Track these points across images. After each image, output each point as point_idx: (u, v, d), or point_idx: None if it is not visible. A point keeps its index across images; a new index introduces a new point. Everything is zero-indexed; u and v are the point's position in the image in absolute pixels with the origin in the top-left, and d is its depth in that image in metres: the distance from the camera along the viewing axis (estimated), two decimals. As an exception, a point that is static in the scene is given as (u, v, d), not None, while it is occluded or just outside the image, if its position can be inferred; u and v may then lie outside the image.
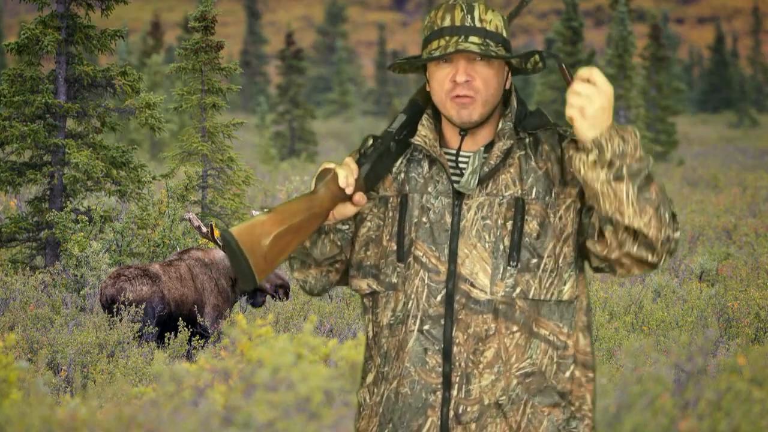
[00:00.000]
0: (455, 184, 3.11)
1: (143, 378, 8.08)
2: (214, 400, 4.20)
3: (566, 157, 3.10)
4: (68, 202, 12.36)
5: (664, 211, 2.97)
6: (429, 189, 3.13)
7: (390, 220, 3.16)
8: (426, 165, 3.16)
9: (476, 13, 3.08)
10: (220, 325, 9.46)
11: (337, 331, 10.02)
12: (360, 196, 3.09)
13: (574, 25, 33.83)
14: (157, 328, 9.29)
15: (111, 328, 9.11)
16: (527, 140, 3.15)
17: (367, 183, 3.12)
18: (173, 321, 9.37)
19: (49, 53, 12.35)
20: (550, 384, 3.09)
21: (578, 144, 2.96)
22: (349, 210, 3.10)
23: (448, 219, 3.10)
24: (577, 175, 2.98)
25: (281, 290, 9.57)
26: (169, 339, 9.22)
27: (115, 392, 6.83)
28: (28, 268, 12.00)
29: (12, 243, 12.41)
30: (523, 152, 3.13)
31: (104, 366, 8.30)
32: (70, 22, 12.49)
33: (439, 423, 3.07)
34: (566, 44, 33.70)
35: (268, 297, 9.83)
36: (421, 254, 3.10)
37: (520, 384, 3.07)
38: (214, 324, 9.47)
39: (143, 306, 9.22)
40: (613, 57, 32.13)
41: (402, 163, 3.19)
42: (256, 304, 9.75)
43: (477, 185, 3.08)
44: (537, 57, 3.10)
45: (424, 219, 3.12)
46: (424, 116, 3.18)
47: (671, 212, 2.99)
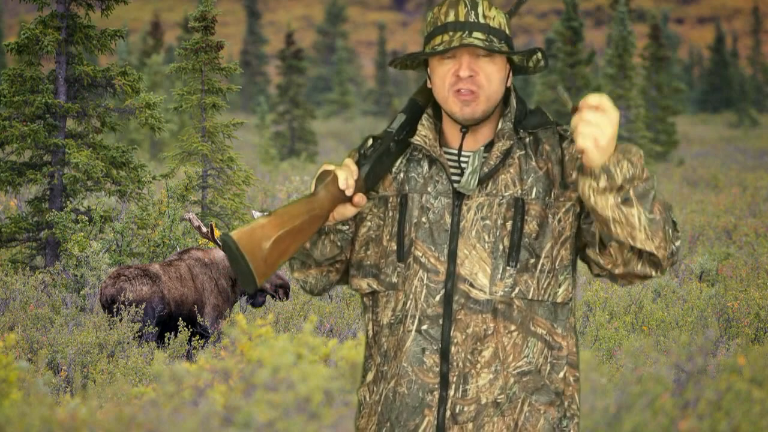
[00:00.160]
0: (455, 184, 3.11)
1: (143, 378, 8.08)
2: (214, 400, 4.20)
3: (567, 169, 3.08)
4: (68, 202, 12.36)
5: (669, 228, 2.95)
6: (429, 189, 3.13)
7: (390, 219, 3.16)
8: (426, 165, 3.16)
9: (480, 10, 3.09)
10: (220, 325, 9.46)
11: (337, 331, 10.01)
12: (360, 197, 3.09)
13: (574, 25, 33.81)
14: (157, 328, 9.29)
15: (111, 328, 9.10)
16: (527, 140, 3.14)
17: (367, 183, 3.12)
18: (173, 321, 9.36)
19: (49, 53, 12.34)
20: (546, 383, 3.10)
21: (585, 170, 2.91)
22: (349, 211, 3.10)
23: (448, 219, 3.10)
24: (586, 202, 2.93)
25: (281, 290, 9.57)
26: (169, 339, 9.22)
27: (115, 392, 6.83)
28: (28, 268, 11.99)
29: (12, 243, 12.40)
30: (522, 152, 3.13)
31: (104, 366, 8.29)
32: (70, 22, 12.48)
33: (435, 423, 3.08)
34: (566, 44, 33.69)
35: (268, 297, 9.82)
36: (420, 254, 3.10)
37: (518, 383, 3.08)
38: (214, 324, 9.47)
39: (143, 306, 9.21)
40: (613, 57, 32.12)
41: (401, 162, 3.19)
42: (256, 304, 9.75)
43: (477, 185, 3.08)
44: (539, 55, 3.11)
45: (423, 219, 3.12)
46: (424, 116, 3.18)
47: (672, 222, 2.97)
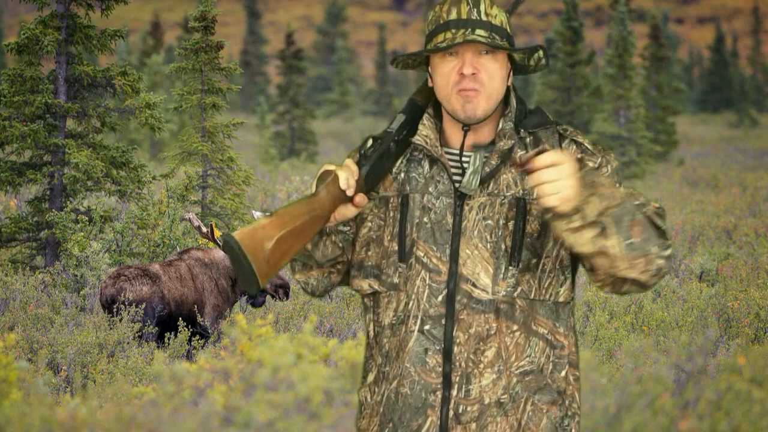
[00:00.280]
0: (456, 184, 3.12)
1: (143, 378, 8.08)
2: (214, 400, 4.20)
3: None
4: (68, 202, 12.36)
5: (653, 246, 2.93)
6: (430, 189, 3.13)
7: (391, 220, 3.16)
8: (427, 165, 3.16)
9: (482, 8, 3.10)
10: (220, 325, 9.46)
11: (337, 331, 10.01)
12: (361, 198, 3.09)
13: (574, 25, 33.80)
14: (157, 328, 9.29)
15: (111, 328, 9.10)
16: (528, 139, 3.15)
17: (368, 184, 3.12)
18: (173, 321, 9.36)
19: (49, 53, 12.34)
20: (548, 382, 3.11)
21: (554, 216, 2.91)
22: (350, 211, 3.10)
23: (450, 219, 3.10)
24: (566, 242, 2.94)
25: (281, 290, 9.57)
26: (169, 339, 9.22)
27: (115, 392, 6.83)
28: (28, 268, 11.99)
29: (12, 243, 12.40)
30: (523, 151, 3.13)
31: (104, 366, 8.29)
32: (70, 22, 12.48)
33: (438, 423, 3.07)
34: (566, 44, 33.68)
35: (268, 297, 9.82)
36: (422, 254, 3.10)
37: (520, 382, 3.09)
38: (214, 324, 9.47)
39: (143, 306, 9.21)
40: (613, 57, 32.11)
41: (402, 163, 3.19)
42: (256, 304, 9.75)
43: (478, 185, 3.09)
44: (541, 53, 3.12)
45: (425, 219, 3.12)
46: (425, 116, 3.18)
47: (660, 234, 2.95)
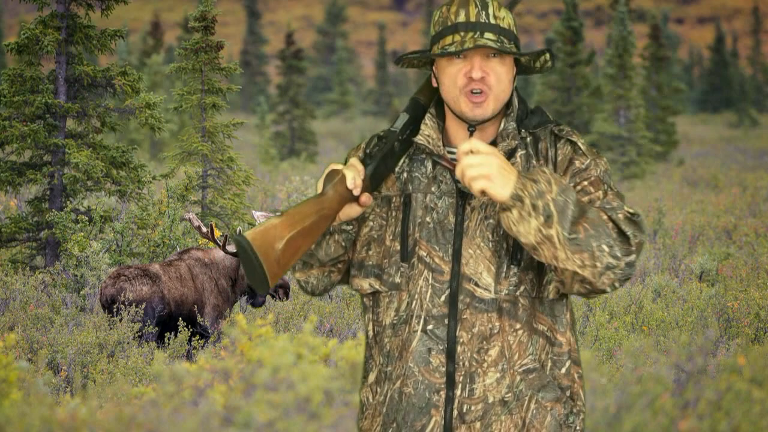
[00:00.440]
0: (459, 184, 3.12)
1: (143, 378, 8.08)
2: (214, 400, 4.20)
3: (559, 170, 3.10)
4: (68, 202, 12.36)
5: (600, 244, 2.94)
6: (432, 189, 3.14)
7: (393, 219, 3.16)
8: (429, 164, 3.16)
9: (491, 10, 3.09)
10: (220, 325, 9.46)
11: (337, 331, 10.01)
12: (366, 197, 3.09)
13: (574, 25, 33.79)
14: (157, 328, 9.29)
15: (111, 328, 9.10)
16: (528, 139, 3.16)
17: (372, 183, 3.13)
18: (173, 321, 9.36)
19: (49, 53, 12.34)
20: (550, 379, 3.12)
21: (499, 206, 2.96)
22: (355, 211, 3.11)
23: (452, 219, 3.10)
24: (511, 233, 2.97)
25: (281, 290, 9.57)
26: (169, 339, 9.22)
27: (115, 392, 6.83)
28: (28, 268, 11.99)
29: (12, 243, 12.40)
30: (524, 151, 3.14)
31: (104, 366, 8.29)
32: (70, 22, 12.48)
33: (442, 422, 3.08)
34: (566, 44, 33.69)
35: (268, 297, 9.82)
36: (424, 254, 3.11)
37: (524, 380, 3.09)
38: (214, 324, 9.46)
39: (143, 306, 9.21)
40: (613, 57, 32.11)
41: (404, 162, 3.19)
42: (256, 304, 9.75)
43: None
44: (547, 56, 3.12)
45: (428, 219, 3.12)
46: (427, 115, 3.18)
47: (616, 241, 2.96)
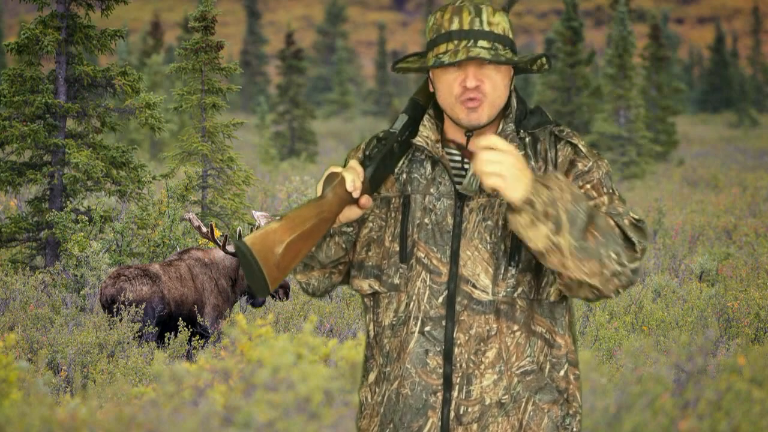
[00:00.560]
0: (457, 185, 3.11)
1: (143, 378, 8.08)
2: (214, 400, 4.20)
3: (559, 171, 3.08)
4: (68, 202, 12.36)
5: (608, 252, 2.94)
6: (431, 190, 3.13)
7: (392, 221, 3.16)
8: (428, 166, 3.16)
9: (485, 16, 3.05)
10: (220, 325, 9.46)
11: (337, 331, 10.01)
12: (366, 199, 3.09)
13: (574, 25, 33.80)
14: (157, 328, 9.29)
15: (111, 328, 9.10)
16: (527, 140, 3.15)
17: (372, 185, 3.13)
18: (173, 321, 9.36)
19: (49, 53, 12.34)
20: (548, 381, 3.11)
21: (509, 207, 2.94)
22: (354, 213, 3.10)
23: (450, 220, 3.10)
24: (521, 236, 2.95)
25: (281, 290, 9.57)
26: (169, 339, 9.22)
27: (115, 392, 6.83)
28: (28, 268, 11.99)
29: (12, 243, 12.40)
30: (522, 152, 3.14)
31: (104, 366, 8.29)
32: (70, 22, 12.48)
33: (439, 424, 3.08)
34: (566, 44, 33.69)
35: (268, 297, 9.82)
36: (423, 255, 3.10)
37: (521, 382, 3.09)
38: (214, 324, 9.47)
39: (143, 306, 9.21)
40: (613, 57, 32.11)
41: (404, 163, 3.19)
42: (256, 304, 9.75)
43: (478, 187, 3.08)
44: (543, 59, 3.10)
45: (426, 220, 3.12)
46: (426, 117, 3.17)
47: (623, 248, 2.96)
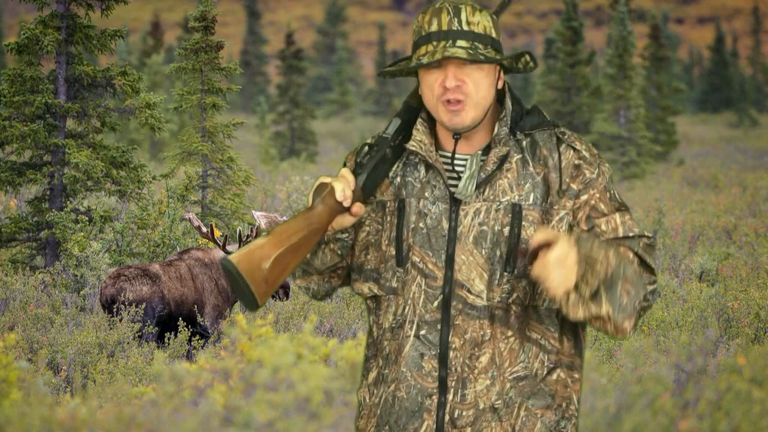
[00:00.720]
0: (452, 188, 3.10)
1: (143, 378, 8.08)
2: (214, 400, 4.20)
3: (564, 176, 3.10)
4: (68, 202, 12.36)
5: (639, 299, 3.00)
6: (426, 194, 3.12)
7: (388, 224, 3.15)
8: (422, 169, 3.15)
9: (463, 16, 3.04)
10: (220, 325, 9.46)
11: (337, 331, 10.01)
12: (358, 207, 3.08)
13: (574, 25, 33.80)
14: (157, 328, 9.29)
15: (111, 328, 9.10)
16: (524, 142, 3.12)
17: (365, 192, 3.12)
18: (173, 321, 9.36)
19: (49, 53, 12.34)
20: (541, 387, 3.11)
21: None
22: (348, 221, 3.10)
23: (445, 225, 3.09)
24: (561, 309, 3.00)
25: (281, 290, 9.57)
26: (169, 339, 9.22)
27: (115, 392, 6.83)
28: (28, 268, 11.99)
29: (12, 243, 12.40)
30: (520, 156, 3.11)
31: (104, 366, 8.29)
32: (70, 22, 12.48)
33: (434, 427, 3.08)
34: (566, 44, 33.68)
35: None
36: (418, 260, 3.10)
37: (514, 388, 3.09)
38: (214, 324, 9.47)
39: (143, 306, 9.22)
40: (613, 57, 32.11)
41: (398, 167, 3.17)
42: (256, 304, 9.74)
43: (474, 191, 3.07)
44: (527, 57, 3.07)
45: (421, 224, 3.11)
46: (419, 120, 3.16)
47: (645, 283, 3.01)
